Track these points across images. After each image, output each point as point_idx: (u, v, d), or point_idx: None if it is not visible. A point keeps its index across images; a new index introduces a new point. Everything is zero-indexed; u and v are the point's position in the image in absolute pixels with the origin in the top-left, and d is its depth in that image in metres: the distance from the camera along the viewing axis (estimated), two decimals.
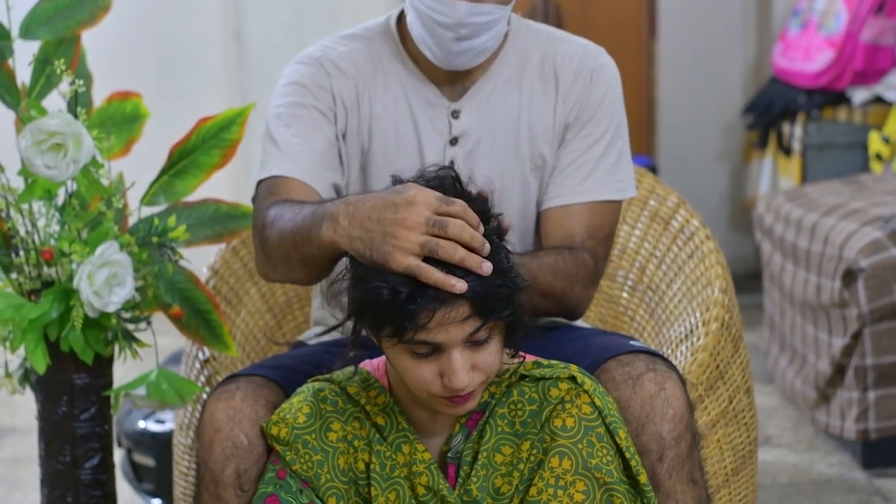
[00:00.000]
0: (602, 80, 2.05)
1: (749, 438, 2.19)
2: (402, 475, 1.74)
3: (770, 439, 3.44)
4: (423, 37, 1.96)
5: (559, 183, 2.03)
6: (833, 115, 4.48)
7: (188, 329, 2.09)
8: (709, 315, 2.16)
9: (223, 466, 1.79)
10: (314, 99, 2.01)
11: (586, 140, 2.03)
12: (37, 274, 2.01)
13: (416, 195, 1.61)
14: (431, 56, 1.98)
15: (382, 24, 2.08)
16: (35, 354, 1.96)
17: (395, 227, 1.59)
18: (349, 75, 2.03)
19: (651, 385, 1.81)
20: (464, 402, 1.66)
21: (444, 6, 1.91)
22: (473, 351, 1.63)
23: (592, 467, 1.69)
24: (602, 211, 2.02)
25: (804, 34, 4.62)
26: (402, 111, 2.02)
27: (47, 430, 2.07)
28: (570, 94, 2.04)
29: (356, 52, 2.05)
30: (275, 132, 1.99)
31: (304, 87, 2.02)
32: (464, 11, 1.91)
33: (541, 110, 2.04)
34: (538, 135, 2.03)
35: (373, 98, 2.03)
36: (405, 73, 2.04)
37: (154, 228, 2.06)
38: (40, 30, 2.03)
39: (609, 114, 2.04)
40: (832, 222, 3.40)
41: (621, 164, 2.05)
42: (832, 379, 3.33)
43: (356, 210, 1.64)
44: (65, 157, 1.93)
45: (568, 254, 1.97)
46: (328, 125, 2.00)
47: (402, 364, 1.65)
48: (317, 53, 2.05)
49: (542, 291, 1.92)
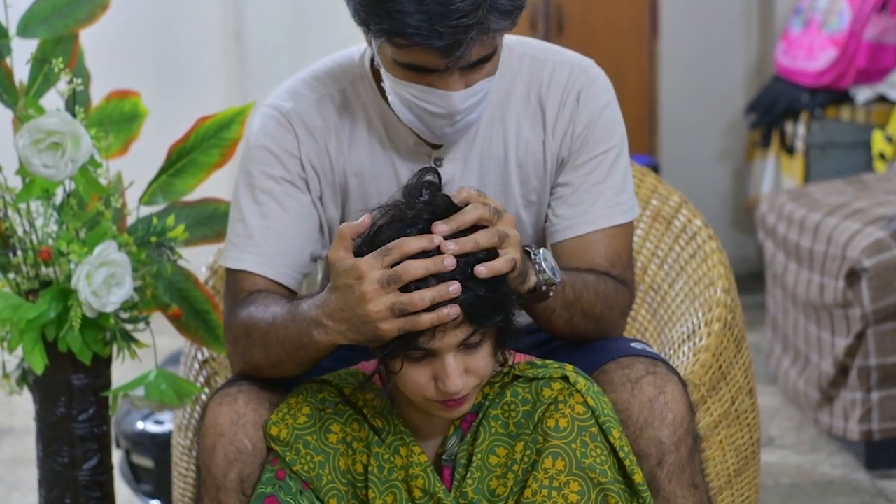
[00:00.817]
0: (591, 99, 1.94)
1: (752, 439, 2.19)
2: (400, 478, 1.74)
3: (773, 440, 3.44)
4: (412, 122, 1.83)
5: (565, 213, 1.94)
6: (836, 113, 4.47)
7: (187, 329, 2.09)
8: (711, 315, 2.16)
9: (226, 471, 1.78)
10: (283, 169, 1.90)
11: (586, 166, 1.94)
12: (35, 274, 2.01)
13: (359, 266, 1.60)
14: (422, 134, 1.86)
15: (357, 62, 1.94)
16: (33, 355, 1.96)
17: (362, 307, 1.60)
18: (320, 134, 1.91)
19: (650, 388, 1.79)
20: (458, 405, 1.67)
21: (436, 97, 1.77)
22: (466, 355, 1.63)
23: (586, 467, 1.69)
24: (618, 234, 1.94)
25: (807, 32, 4.62)
26: (382, 162, 1.92)
27: (45, 431, 2.07)
28: (558, 125, 1.93)
29: (329, 99, 1.93)
30: (244, 208, 1.90)
31: (273, 154, 1.90)
32: (458, 100, 1.77)
33: (529, 146, 1.94)
34: (529, 171, 1.94)
35: (349, 153, 1.92)
36: (383, 120, 1.92)
37: (153, 228, 2.06)
38: (38, 28, 2.03)
39: (605, 133, 1.94)
40: (835, 222, 3.39)
41: (625, 186, 1.96)
42: (835, 379, 3.33)
43: (329, 310, 1.65)
44: (63, 157, 1.93)
45: (609, 278, 1.90)
46: (301, 195, 1.91)
47: (395, 369, 1.66)
48: (286, 106, 1.92)
49: (584, 311, 1.86)
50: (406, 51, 1.72)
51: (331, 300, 1.65)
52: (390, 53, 1.75)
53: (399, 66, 1.76)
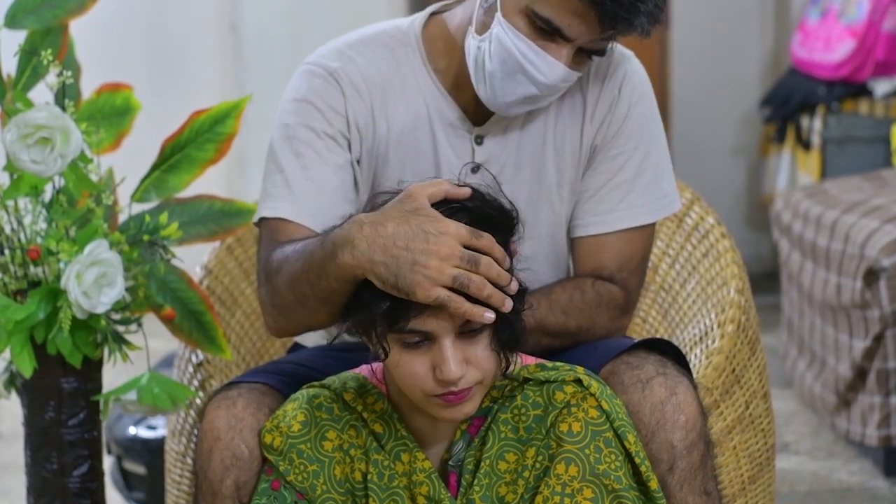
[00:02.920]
0: (629, 90, 1.97)
1: (766, 445, 2.19)
2: (402, 485, 1.74)
3: (788, 446, 3.44)
4: (493, 73, 1.85)
5: (590, 209, 1.97)
6: (854, 107, 4.47)
7: (181, 331, 2.09)
8: (724, 316, 2.16)
9: (222, 477, 1.79)
10: (326, 123, 1.92)
11: (616, 161, 1.97)
12: (23, 273, 2.01)
13: (448, 226, 1.63)
14: (483, 93, 1.89)
15: (404, 30, 1.98)
16: (21, 358, 1.96)
17: (427, 258, 1.61)
18: (365, 94, 1.94)
19: (661, 389, 1.80)
20: (458, 401, 1.66)
21: (543, 62, 1.82)
22: (465, 343, 1.64)
23: (600, 473, 1.69)
24: (635, 237, 1.97)
25: (824, 23, 4.62)
26: (423, 133, 1.95)
27: (34, 437, 2.07)
28: (597, 112, 1.97)
29: (377, 63, 1.96)
30: (282, 158, 1.92)
31: (317, 108, 1.93)
32: (560, 75, 1.83)
33: (568, 132, 1.97)
34: (566, 159, 1.97)
35: (391, 118, 1.95)
36: (429, 90, 1.96)
37: (145, 226, 2.06)
38: (27, 19, 2.03)
39: (639, 127, 1.98)
40: (853, 220, 3.39)
41: (661, 180, 1.99)
42: (853, 383, 3.33)
43: (376, 234, 1.64)
44: (52, 152, 1.93)
45: (590, 286, 1.93)
46: (342, 153, 1.93)
47: (393, 359, 1.66)
48: (333, 64, 1.95)
49: (552, 332, 1.91)
50: (557, 3, 1.77)
51: (384, 227, 1.64)
52: (528, 2, 1.79)
53: (528, 18, 1.81)
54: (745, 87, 5.18)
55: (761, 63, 5.21)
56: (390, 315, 1.63)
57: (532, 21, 1.80)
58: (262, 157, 2.00)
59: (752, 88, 5.17)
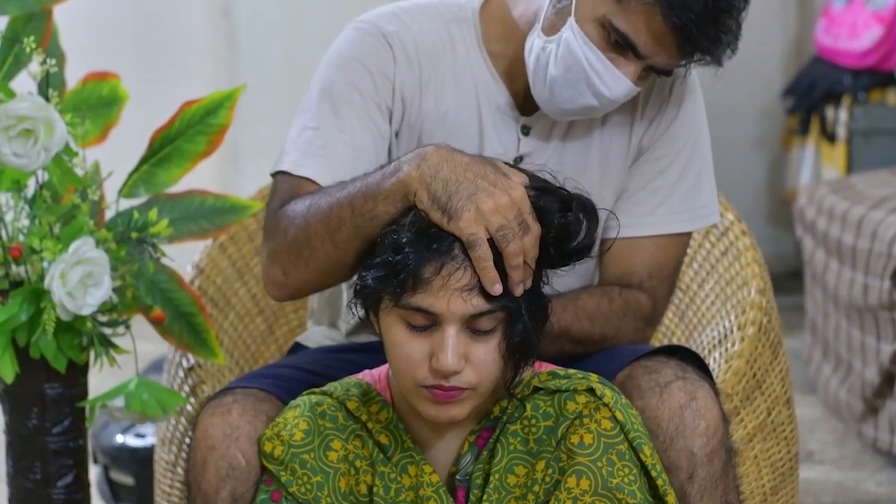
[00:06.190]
0: (679, 91, 1.99)
1: (789, 454, 2.19)
2: (409, 499, 1.74)
3: (812, 455, 3.44)
4: (555, 78, 1.86)
5: (626, 210, 1.98)
6: (881, 97, 4.47)
7: (171, 334, 2.09)
8: (745, 318, 2.16)
9: (217, 489, 1.78)
10: (374, 89, 1.93)
11: (659, 163, 1.99)
12: (4, 273, 2.01)
13: (519, 187, 1.67)
14: (539, 94, 1.89)
15: (462, 5, 1.99)
16: (2, 361, 1.96)
17: (488, 196, 1.65)
18: (415, 64, 1.94)
19: (680, 394, 1.80)
20: (446, 399, 1.66)
21: (609, 75, 1.83)
22: (471, 339, 1.65)
23: (613, 487, 1.69)
24: (669, 245, 1.99)
25: (850, 9, 4.62)
26: (469, 114, 1.96)
27: (16, 445, 2.07)
28: (647, 111, 1.98)
29: (431, 34, 1.96)
30: (320, 115, 1.92)
31: (367, 70, 1.93)
32: (625, 91, 1.84)
33: (617, 130, 1.98)
34: (612, 159, 1.99)
35: (439, 93, 1.96)
36: (480, 71, 1.96)
37: (133, 223, 2.06)
38: (8, 4, 2.03)
39: (685, 131, 1.99)
40: (881, 216, 3.39)
41: (701, 188, 2.01)
42: (880, 388, 3.33)
43: (451, 156, 1.70)
44: (35, 145, 1.93)
45: (617, 294, 1.95)
46: (382, 123, 1.94)
47: (394, 338, 1.67)
48: (388, 27, 1.95)
49: (577, 339, 1.91)
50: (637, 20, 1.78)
51: (464, 157, 1.70)
52: (606, 11, 1.80)
53: (603, 28, 1.82)
54: (766, 77, 5.18)
55: (783, 51, 5.21)
56: (397, 288, 1.63)
57: (607, 32, 1.81)
58: (257, 150, 2.00)
59: (773, 78, 5.17)
